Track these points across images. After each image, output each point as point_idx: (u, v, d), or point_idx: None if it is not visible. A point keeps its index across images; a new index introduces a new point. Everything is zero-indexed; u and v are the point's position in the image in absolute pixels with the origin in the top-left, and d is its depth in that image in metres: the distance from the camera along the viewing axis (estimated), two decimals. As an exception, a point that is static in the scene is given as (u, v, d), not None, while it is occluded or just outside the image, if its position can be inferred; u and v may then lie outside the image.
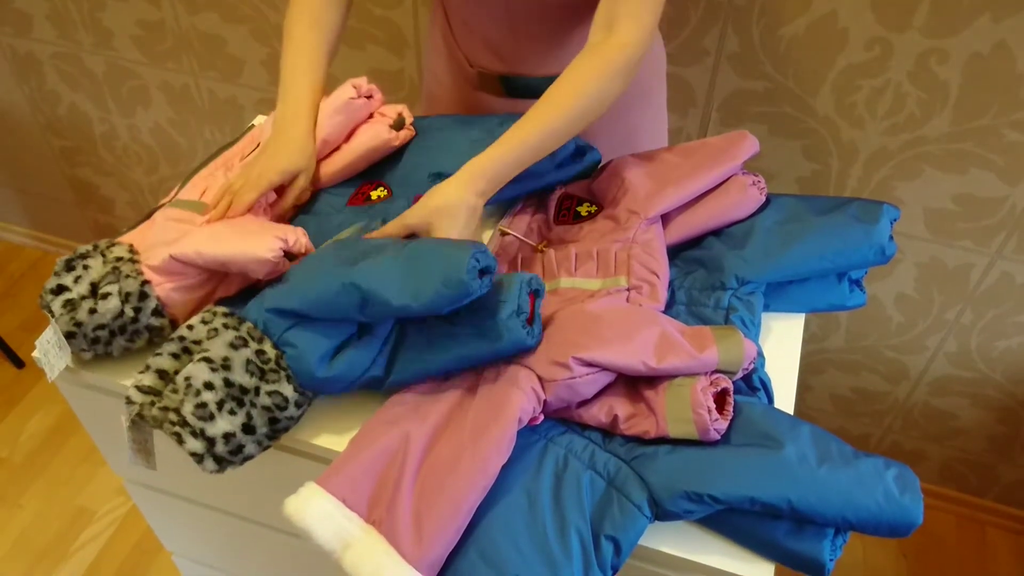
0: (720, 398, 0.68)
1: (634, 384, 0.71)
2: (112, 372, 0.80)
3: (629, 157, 0.91)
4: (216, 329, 0.71)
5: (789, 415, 0.70)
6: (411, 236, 0.79)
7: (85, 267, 0.77)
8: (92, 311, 0.74)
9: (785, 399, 0.78)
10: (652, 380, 0.69)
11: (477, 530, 0.64)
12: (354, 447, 0.69)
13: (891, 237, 0.82)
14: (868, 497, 0.62)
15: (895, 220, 0.83)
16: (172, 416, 0.68)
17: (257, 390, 0.70)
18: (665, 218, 0.86)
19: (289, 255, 0.79)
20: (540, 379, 0.69)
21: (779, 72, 1.21)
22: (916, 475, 0.65)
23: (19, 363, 1.98)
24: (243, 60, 1.55)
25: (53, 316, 0.75)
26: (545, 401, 0.69)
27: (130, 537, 1.68)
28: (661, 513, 0.65)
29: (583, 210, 0.89)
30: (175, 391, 0.68)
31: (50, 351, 0.77)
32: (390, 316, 0.71)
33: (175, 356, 0.71)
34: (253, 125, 1.04)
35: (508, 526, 0.64)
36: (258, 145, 0.94)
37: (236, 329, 0.71)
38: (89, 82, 1.73)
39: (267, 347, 0.71)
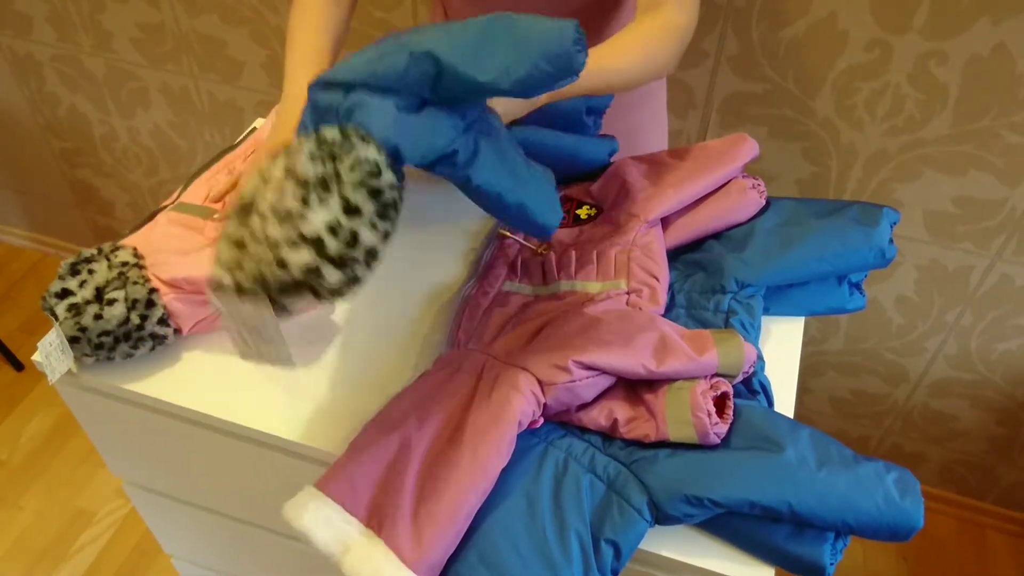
0: (720, 402, 0.68)
1: (634, 387, 0.71)
2: (111, 376, 0.80)
3: (629, 160, 0.91)
4: (263, 172, 0.58)
5: (789, 418, 0.69)
6: None
7: (90, 271, 0.77)
8: (97, 316, 0.74)
9: (785, 402, 0.78)
10: (652, 383, 0.69)
11: (477, 533, 0.64)
12: (353, 450, 0.69)
13: (891, 240, 0.82)
14: (868, 500, 0.62)
15: (895, 223, 0.83)
16: (264, 252, 0.56)
17: (337, 174, 0.56)
18: (665, 221, 0.86)
19: None
20: (540, 382, 0.69)
21: (779, 74, 1.21)
22: (916, 478, 0.65)
23: (19, 365, 1.98)
24: (243, 62, 1.55)
25: (57, 320, 0.75)
26: (545, 404, 0.69)
27: (129, 539, 1.67)
28: (661, 517, 0.65)
29: (583, 213, 0.89)
30: (255, 237, 0.56)
31: (52, 354, 0.77)
32: (467, 96, 0.60)
33: (241, 215, 0.59)
34: (255, 128, 1.04)
35: (508, 529, 0.64)
36: None
37: (285, 154, 0.58)
38: (89, 84, 1.73)
39: (327, 132, 0.57)
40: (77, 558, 1.64)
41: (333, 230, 0.55)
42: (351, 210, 0.56)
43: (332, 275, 0.56)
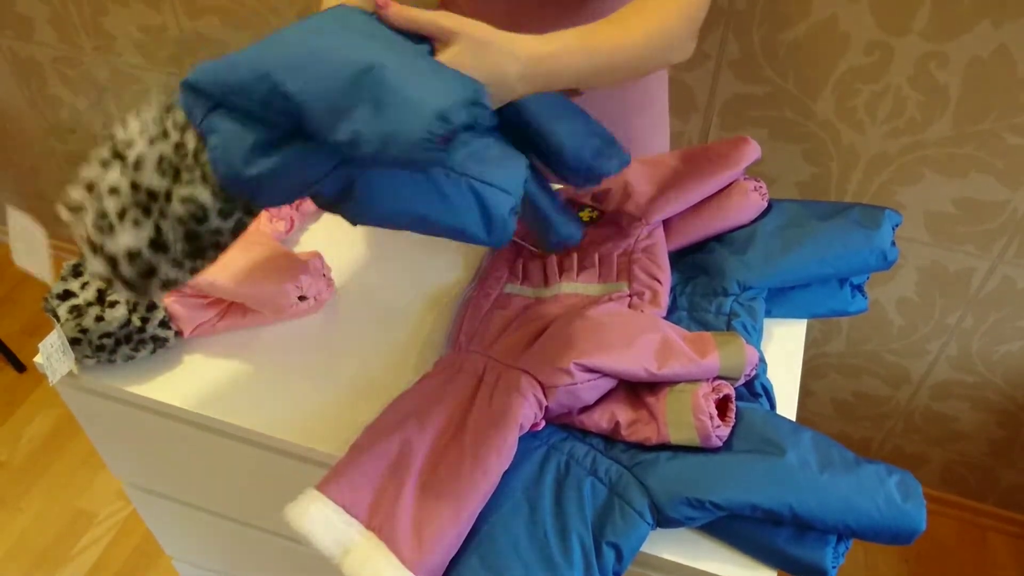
0: (722, 404, 0.68)
1: (635, 390, 0.71)
2: (112, 377, 0.80)
3: (631, 162, 0.91)
4: (146, 122, 0.57)
5: (790, 421, 0.69)
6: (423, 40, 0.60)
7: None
8: (99, 318, 0.74)
9: (787, 405, 0.78)
10: (654, 386, 0.69)
11: (478, 536, 0.64)
12: (354, 452, 0.69)
13: (893, 242, 0.82)
14: (870, 503, 0.62)
15: (897, 225, 0.83)
16: (81, 231, 0.57)
17: (168, 195, 0.54)
18: (667, 223, 0.86)
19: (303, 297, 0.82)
20: (541, 384, 0.69)
21: (780, 76, 1.21)
22: (918, 479, 0.65)
23: (20, 367, 1.98)
24: (244, 64, 1.55)
25: (58, 321, 0.75)
26: (546, 407, 0.69)
27: (130, 541, 1.67)
28: (663, 519, 0.65)
29: (585, 215, 0.89)
30: (88, 204, 0.57)
31: (53, 355, 0.77)
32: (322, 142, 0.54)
33: (104, 164, 0.57)
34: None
35: (509, 532, 0.64)
36: None
37: (162, 121, 0.56)
38: (91, 86, 1.73)
39: (189, 138, 0.55)
40: (78, 560, 1.64)
41: (132, 257, 0.55)
42: (159, 245, 0.56)
43: (121, 292, 0.58)
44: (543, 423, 0.71)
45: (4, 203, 2.18)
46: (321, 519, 0.64)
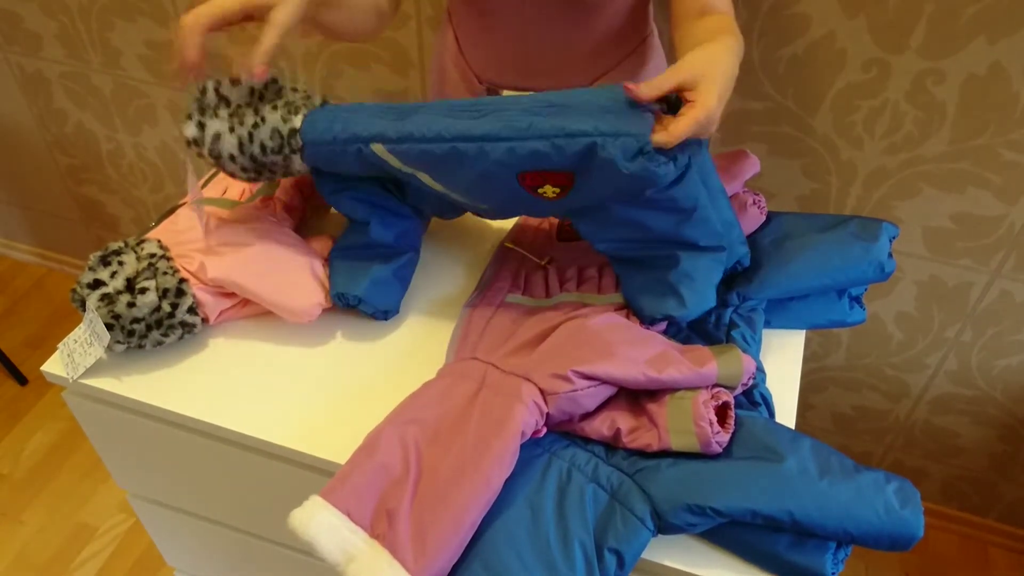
0: (722, 411, 0.69)
1: (636, 398, 0.72)
2: (119, 386, 0.80)
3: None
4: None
5: (790, 429, 0.70)
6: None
7: (120, 263, 0.79)
8: (130, 304, 0.76)
9: (786, 415, 0.79)
10: (654, 394, 0.70)
11: (481, 542, 0.65)
12: (357, 459, 0.69)
13: (890, 254, 0.83)
14: (869, 510, 0.63)
15: (894, 238, 0.84)
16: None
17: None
18: (667, 235, 0.87)
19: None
20: (542, 392, 0.70)
21: (779, 92, 1.23)
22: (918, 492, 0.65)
23: (22, 380, 1.98)
24: (249, 80, 1.56)
25: (87, 310, 0.77)
26: (547, 414, 0.70)
27: (131, 554, 1.67)
28: (664, 526, 0.65)
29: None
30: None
31: (76, 350, 0.78)
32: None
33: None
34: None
35: (512, 538, 0.65)
36: None
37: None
38: (96, 101, 1.75)
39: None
40: (78, 573, 1.64)
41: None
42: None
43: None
44: (544, 430, 0.71)
45: (7, 215, 2.19)
46: (325, 526, 0.64)
